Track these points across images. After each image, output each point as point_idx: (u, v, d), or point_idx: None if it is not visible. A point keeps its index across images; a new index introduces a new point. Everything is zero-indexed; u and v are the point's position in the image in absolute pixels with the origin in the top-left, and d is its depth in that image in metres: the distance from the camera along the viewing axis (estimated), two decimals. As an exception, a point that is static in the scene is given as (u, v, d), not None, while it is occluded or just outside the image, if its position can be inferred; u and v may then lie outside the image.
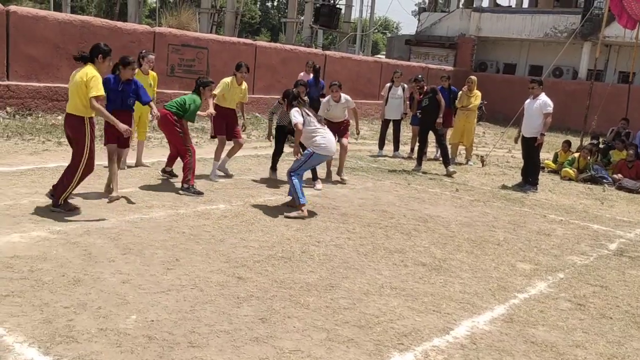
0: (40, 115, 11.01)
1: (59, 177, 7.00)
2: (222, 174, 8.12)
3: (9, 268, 4.11)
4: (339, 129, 8.60)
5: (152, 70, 8.35)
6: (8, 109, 10.74)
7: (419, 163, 10.41)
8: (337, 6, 27.38)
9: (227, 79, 8.09)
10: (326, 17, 25.56)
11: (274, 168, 8.51)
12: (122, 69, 6.51)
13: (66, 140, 6.08)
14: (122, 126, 5.79)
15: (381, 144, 12.05)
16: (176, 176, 7.58)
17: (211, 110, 7.64)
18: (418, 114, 10.78)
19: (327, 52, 18.99)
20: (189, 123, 7.33)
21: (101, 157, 7.02)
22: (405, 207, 7.38)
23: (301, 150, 6.69)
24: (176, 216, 5.92)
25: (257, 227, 5.84)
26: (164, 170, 7.64)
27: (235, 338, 3.43)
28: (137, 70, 7.88)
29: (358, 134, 8.99)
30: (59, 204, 5.63)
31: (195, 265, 4.57)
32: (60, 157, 8.17)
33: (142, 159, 8.33)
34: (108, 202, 6.14)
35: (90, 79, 5.47)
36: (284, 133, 8.44)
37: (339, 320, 3.82)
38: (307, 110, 6.74)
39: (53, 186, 5.79)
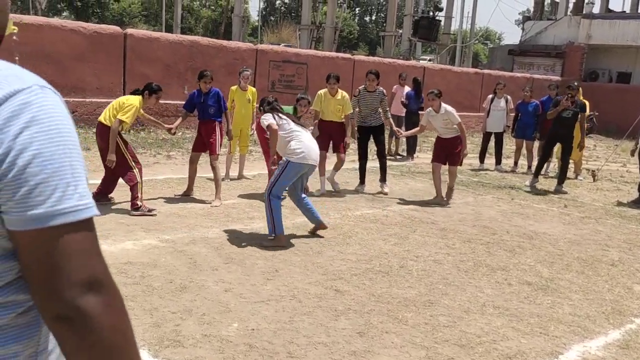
0: (152, 131, 11.72)
1: (167, 188, 7.41)
2: (325, 189, 8.05)
3: (122, 273, 4.38)
4: (451, 150, 7.90)
5: (251, 86, 8.57)
6: (124, 124, 11.54)
7: (536, 176, 9.83)
8: (437, 18, 27.05)
9: (321, 91, 8.08)
10: (425, 30, 25.36)
11: (362, 181, 8.43)
12: (199, 82, 7.08)
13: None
14: (111, 157, 6.09)
15: (482, 158, 11.71)
16: None
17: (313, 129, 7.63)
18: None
19: (426, 64, 18.76)
20: None
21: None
22: (508, 223, 7.08)
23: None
24: (276, 228, 6.03)
25: (355, 240, 5.84)
26: None
27: (333, 351, 3.42)
28: (236, 87, 8.29)
29: (465, 156, 8.07)
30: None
31: (293, 277, 4.63)
32: (169, 170, 8.64)
33: (243, 172, 8.64)
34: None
35: (128, 105, 6.10)
36: (366, 133, 8.37)
37: (439, 338, 3.71)
38: (281, 115, 5.91)
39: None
